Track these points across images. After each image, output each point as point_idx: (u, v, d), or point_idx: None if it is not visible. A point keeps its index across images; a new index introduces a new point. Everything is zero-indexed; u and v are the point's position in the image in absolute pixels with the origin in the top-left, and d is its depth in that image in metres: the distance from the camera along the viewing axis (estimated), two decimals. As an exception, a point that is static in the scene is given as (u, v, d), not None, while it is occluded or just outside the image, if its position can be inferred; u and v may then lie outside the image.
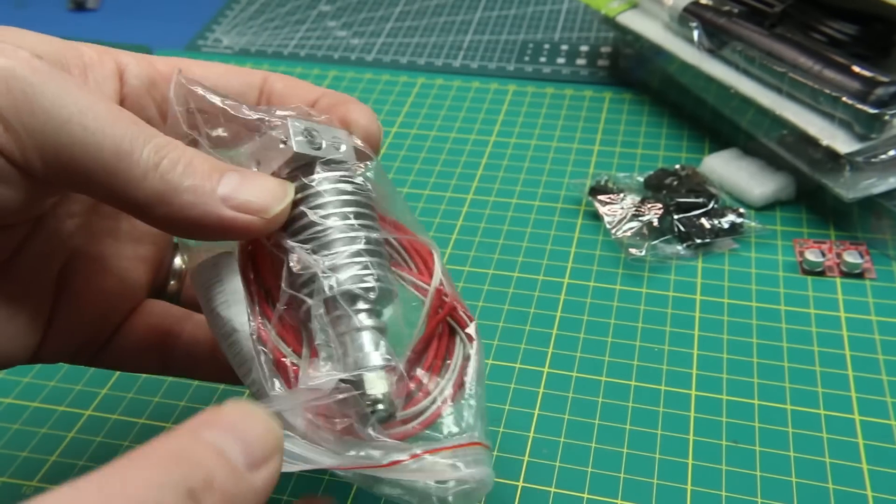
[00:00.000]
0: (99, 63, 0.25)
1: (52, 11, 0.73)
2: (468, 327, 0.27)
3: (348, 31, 0.68)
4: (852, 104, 0.42)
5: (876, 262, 0.43)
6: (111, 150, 0.22)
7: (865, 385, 0.37)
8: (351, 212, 0.25)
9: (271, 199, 0.23)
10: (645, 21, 0.54)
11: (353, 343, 0.24)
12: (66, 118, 0.21)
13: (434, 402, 0.25)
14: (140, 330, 0.29)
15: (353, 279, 0.24)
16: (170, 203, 0.22)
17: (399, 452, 0.23)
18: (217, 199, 0.23)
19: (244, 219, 0.23)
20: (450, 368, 0.26)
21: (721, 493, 0.33)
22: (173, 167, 0.22)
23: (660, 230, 0.44)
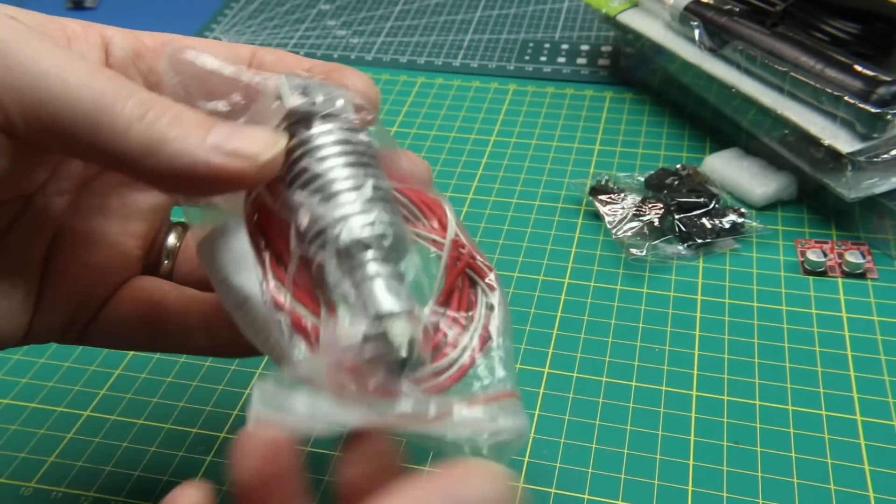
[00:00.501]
0: (83, 35, 0.25)
1: (50, 10, 0.73)
2: (488, 277, 0.26)
3: (348, 30, 0.68)
4: (854, 103, 0.42)
5: (878, 262, 0.43)
6: (92, 103, 0.21)
7: (867, 386, 0.36)
8: (355, 161, 0.24)
9: (262, 146, 0.23)
10: (646, 20, 0.54)
11: (370, 293, 0.23)
12: (43, 72, 0.21)
13: (462, 355, 0.24)
14: (128, 304, 0.29)
15: (363, 227, 0.23)
16: (157, 154, 0.21)
17: (435, 406, 0.22)
18: (206, 148, 0.22)
19: (235, 165, 0.22)
20: (474, 320, 0.25)
21: (722, 494, 0.32)
22: (159, 118, 0.22)
23: (661, 230, 0.44)
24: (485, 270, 0.26)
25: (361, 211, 0.23)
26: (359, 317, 0.23)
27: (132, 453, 0.35)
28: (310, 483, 0.21)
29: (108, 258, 0.28)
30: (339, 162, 0.24)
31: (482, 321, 0.25)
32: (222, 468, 0.35)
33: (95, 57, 0.25)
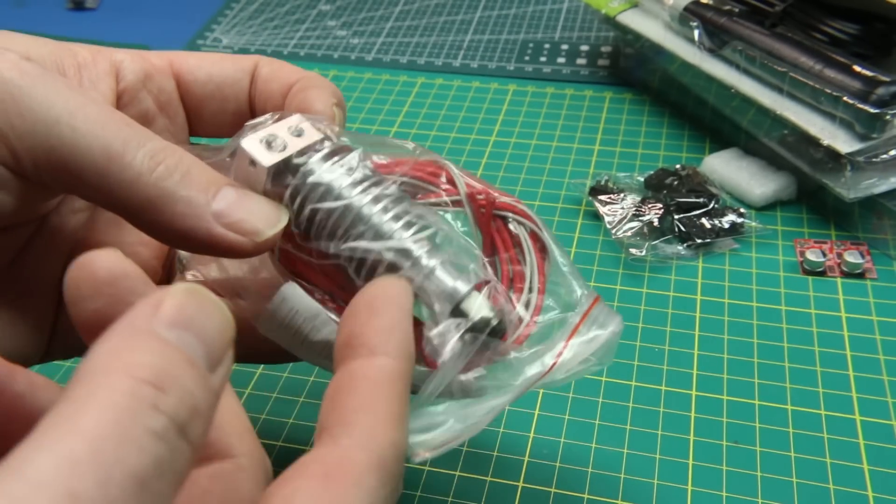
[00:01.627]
0: (93, 62, 0.25)
1: (51, 11, 0.73)
2: (517, 208, 0.27)
3: (348, 30, 0.68)
4: (853, 104, 0.42)
5: (877, 262, 0.43)
6: (101, 152, 0.21)
7: (866, 385, 0.37)
8: (351, 181, 0.24)
9: (264, 223, 0.23)
10: (645, 20, 0.54)
11: (436, 287, 0.24)
12: (54, 120, 0.21)
13: (533, 289, 0.25)
14: None
15: (398, 237, 0.24)
16: (161, 211, 0.22)
17: (548, 355, 0.24)
18: (209, 214, 0.22)
19: (233, 238, 0.22)
20: (525, 251, 0.26)
21: (722, 493, 0.32)
22: (170, 174, 0.22)
23: (660, 230, 0.44)
24: (510, 203, 0.26)
25: (387, 223, 0.24)
26: (441, 314, 0.23)
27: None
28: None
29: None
30: (340, 190, 0.24)
31: (532, 250, 0.26)
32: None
33: (107, 85, 0.26)
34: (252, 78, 0.29)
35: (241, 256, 0.24)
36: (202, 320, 0.17)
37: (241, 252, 0.23)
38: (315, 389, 0.38)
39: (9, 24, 0.70)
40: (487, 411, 0.23)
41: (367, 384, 0.20)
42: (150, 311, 0.17)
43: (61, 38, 0.26)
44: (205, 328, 0.17)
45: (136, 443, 0.15)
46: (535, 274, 0.26)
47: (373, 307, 0.21)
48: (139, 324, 0.17)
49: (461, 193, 0.26)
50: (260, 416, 0.37)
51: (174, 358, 0.16)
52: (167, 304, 0.17)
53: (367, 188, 0.24)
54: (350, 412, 0.20)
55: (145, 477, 0.14)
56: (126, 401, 0.15)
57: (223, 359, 0.18)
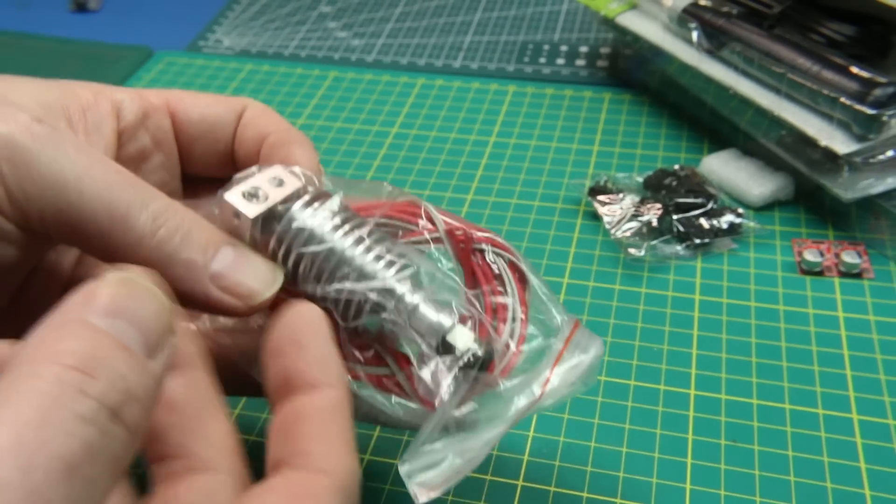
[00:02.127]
0: (95, 104, 0.26)
1: (54, 13, 0.73)
2: (493, 240, 0.28)
3: (349, 31, 0.68)
4: (850, 105, 0.42)
5: (874, 262, 0.43)
6: (106, 216, 0.22)
7: (863, 384, 0.37)
8: (333, 225, 0.25)
9: (260, 286, 0.24)
10: (644, 22, 0.54)
11: (421, 323, 0.25)
12: (62, 184, 0.22)
13: (516, 319, 0.26)
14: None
15: (381, 276, 0.25)
16: (162, 273, 0.22)
17: (535, 384, 0.25)
18: (207, 278, 0.23)
19: (229, 301, 0.23)
20: (505, 282, 0.27)
21: (720, 492, 0.33)
22: (171, 237, 0.23)
23: (659, 230, 0.44)
24: (488, 237, 0.28)
25: (370, 263, 0.25)
26: (428, 349, 0.25)
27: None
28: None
29: None
30: (323, 234, 0.25)
31: (513, 281, 0.27)
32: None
33: (109, 127, 0.27)
34: (238, 118, 0.30)
35: (236, 317, 0.24)
36: (136, 307, 0.18)
37: (236, 314, 0.24)
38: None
39: (12, 26, 0.71)
40: (483, 444, 0.24)
41: (318, 415, 0.21)
42: (81, 300, 0.17)
43: (64, 39, 0.26)
44: (139, 314, 0.18)
45: (62, 427, 0.15)
46: (517, 303, 0.26)
47: (297, 342, 0.22)
48: (70, 314, 0.17)
49: (440, 230, 0.27)
50: (262, 414, 0.37)
51: (104, 343, 0.16)
52: (99, 293, 0.17)
53: (349, 231, 0.25)
54: (305, 442, 0.20)
55: (73, 461, 0.14)
56: (51, 387, 0.15)
57: (162, 344, 0.18)
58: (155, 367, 0.17)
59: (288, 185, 0.26)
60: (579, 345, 0.26)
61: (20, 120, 0.22)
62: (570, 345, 0.26)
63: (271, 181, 0.26)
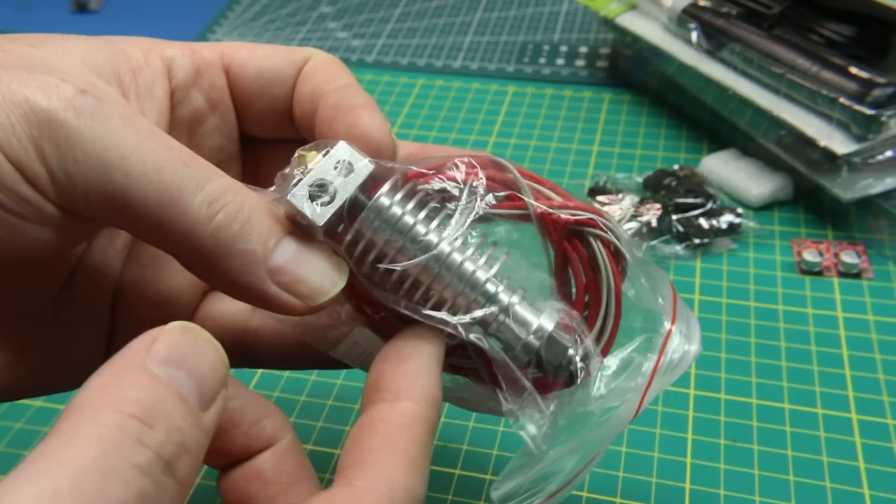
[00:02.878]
0: (146, 64, 0.24)
1: (55, 13, 0.74)
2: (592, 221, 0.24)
3: (349, 32, 0.68)
4: (850, 105, 0.42)
5: (873, 261, 0.43)
6: (156, 199, 0.20)
7: (862, 384, 0.37)
8: (416, 224, 0.23)
9: (321, 285, 0.22)
10: (644, 22, 0.54)
11: (520, 326, 0.23)
12: (107, 164, 0.20)
13: (609, 311, 0.25)
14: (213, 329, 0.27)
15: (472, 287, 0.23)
16: (216, 264, 0.21)
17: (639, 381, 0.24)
18: (265, 272, 0.21)
19: (287, 300, 0.21)
20: (600, 269, 0.25)
21: (719, 491, 0.33)
22: (228, 224, 0.21)
23: (658, 230, 0.44)
24: (587, 218, 0.24)
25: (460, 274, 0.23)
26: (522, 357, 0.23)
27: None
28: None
29: (176, 286, 0.27)
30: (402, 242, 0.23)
31: (608, 267, 0.24)
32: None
33: (160, 88, 0.24)
34: (298, 72, 0.27)
35: (292, 315, 0.22)
36: (195, 358, 0.17)
37: (293, 313, 0.22)
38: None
39: (13, 26, 0.71)
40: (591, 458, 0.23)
41: (388, 427, 0.20)
42: (143, 348, 0.17)
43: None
44: (198, 366, 0.17)
45: (120, 476, 0.15)
46: (612, 295, 0.24)
47: (402, 353, 0.21)
48: (131, 360, 0.17)
49: (531, 213, 0.24)
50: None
51: (164, 394, 0.16)
52: (160, 342, 0.17)
53: (434, 229, 0.23)
54: (367, 453, 0.20)
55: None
56: (112, 435, 0.15)
57: (216, 398, 0.18)
58: (208, 420, 0.17)
59: (358, 171, 0.22)
60: (677, 333, 0.25)
61: (63, 93, 0.20)
62: (663, 357, 0.24)
63: (339, 169, 0.22)
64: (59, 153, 0.20)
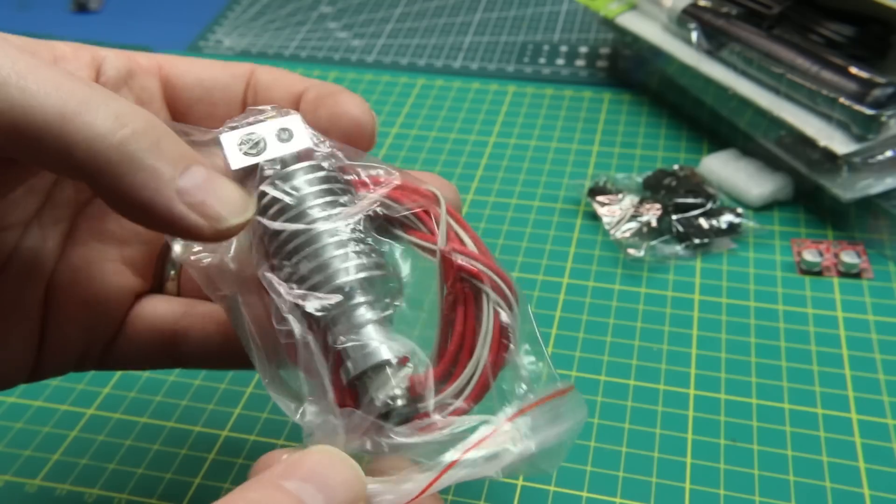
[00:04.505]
0: (73, 55, 0.24)
1: (55, 13, 0.74)
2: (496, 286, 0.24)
3: (349, 32, 0.68)
4: (850, 105, 0.42)
5: (873, 262, 0.43)
6: (56, 112, 0.20)
7: (862, 384, 0.37)
8: (316, 203, 0.23)
9: (231, 209, 0.21)
10: (644, 22, 0.54)
11: (356, 344, 0.22)
12: (2, 80, 0.20)
13: (475, 372, 0.23)
14: (142, 330, 0.28)
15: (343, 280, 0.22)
16: (121, 176, 0.20)
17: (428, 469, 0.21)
18: (173, 190, 0.20)
19: (193, 220, 0.21)
20: (482, 331, 0.23)
21: (719, 491, 0.33)
22: (137, 139, 0.20)
23: (658, 230, 0.44)
24: (477, 268, 0.24)
25: (331, 261, 0.23)
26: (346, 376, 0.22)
27: (135, 451, 0.36)
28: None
29: (109, 289, 0.27)
30: (302, 210, 0.23)
31: (491, 331, 0.23)
32: (224, 466, 0.35)
33: (84, 75, 0.24)
34: (247, 85, 0.28)
35: (199, 241, 0.23)
36: (332, 479, 0.19)
37: (200, 236, 0.21)
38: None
39: (12, 26, 0.71)
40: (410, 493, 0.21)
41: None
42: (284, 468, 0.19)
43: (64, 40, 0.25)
44: (334, 488, 0.19)
45: None
46: (483, 355, 0.23)
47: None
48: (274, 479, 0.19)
49: (439, 241, 0.24)
50: (262, 414, 0.37)
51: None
52: (302, 462, 0.19)
53: (331, 214, 0.23)
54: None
55: None
56: None
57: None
58: None
59: (295, 141, 0.23)
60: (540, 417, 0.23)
61: None
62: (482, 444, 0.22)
63: (280, 132, 0.23)
64: None
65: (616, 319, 0.41)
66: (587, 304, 0.42)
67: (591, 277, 0.43)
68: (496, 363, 0.23)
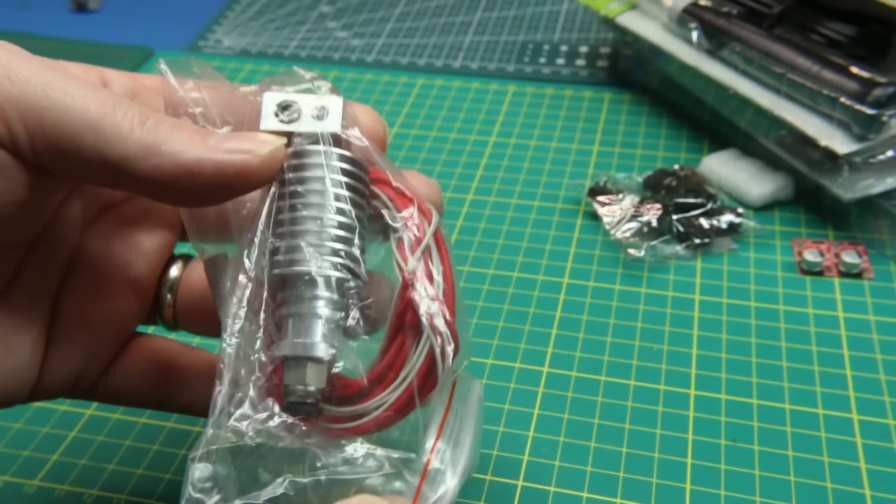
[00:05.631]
0: (84, 74, 0.25)
1: (54, 13, 0.73)
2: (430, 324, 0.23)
3: (349, 31, 0.68)
4: (850, 105, 0.42)
5: (874, 262, 0.43)
6: (95, 110, 0.22)
7: (863, 384, 0.37)
8: (319, 190, 0.23)
9: (261, 141, 0.23)
10: (644, 22, 0.54)
11: (299, 326, 0.23)
12: (46, 82, 0.21)
13: (377, 410, 0.23)
14: (139, 362, 0.28)
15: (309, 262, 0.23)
16: (160, 153, 0.22)
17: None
18: (208, 147, 0.22)
19: (239, 158, 0.22)
20: (399, 376, 0.23)
21: (720, 492, 0.33)
22: (160, 123, 0.22)
23: (659, 230, 0.44)
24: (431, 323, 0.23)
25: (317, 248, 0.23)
26: (282, 344, 0.23)
27: (134, 452, 0.36)
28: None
29: (113, 310, 0.28)
30: (306, 192, 0.23)
31: (410, 376, 0.23)
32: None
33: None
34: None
35: (251, 182, 0.23)
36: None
37: (252, 173, 0.23)
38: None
39: (12, 26, 0.71)
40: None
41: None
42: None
43: (64, 39, 0.26)
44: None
45: None
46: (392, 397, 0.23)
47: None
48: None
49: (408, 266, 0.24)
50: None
51: None
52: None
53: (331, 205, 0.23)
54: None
55: None
56: None
57: None
58: None
59: (328, 122, 0.24)
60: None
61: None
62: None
63: (318, 109, 0.24)
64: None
65: (616, 319, 0.41)
66: (587, 305, 0.42)
67: (592, 277, 0.43)
68: (397, 410, 0.23)
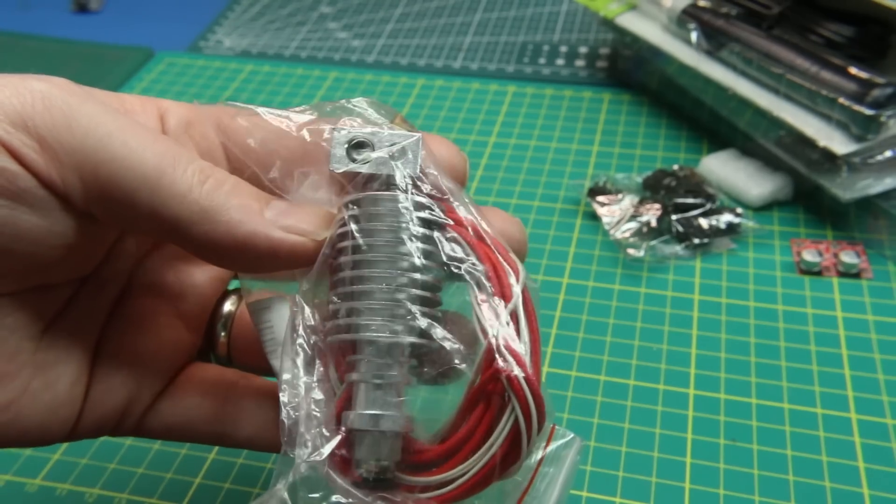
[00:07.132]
0: (141, 108, 0.25)
1: (55, 13, 0.74)
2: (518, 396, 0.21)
3: (349, 32, 0.69)
4: (849, 105, 0.42)
5: (872, 262, 0.43)
6: (153, 165, 0.21)
7: (862, 384, 0.37)
8: (386, 241, 0.22)
9: (316, 225, 0.22)
10: (643, 23, 0.54)
11: (371, 395, 0.22)
12: (105, 134, 0.21)
13: (461, 477, 0.22)
14: (191, 393, 0.27)
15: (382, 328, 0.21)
16: (215, 220, 0.21)
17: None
18: (266, 220, 0.22)
19: (294, 240, 0.22)
20: (486, 444, 0.22)
21: (719, 491, 0.33)
22: (219, 186, 0.22)
23: (658, 230, 0.44)
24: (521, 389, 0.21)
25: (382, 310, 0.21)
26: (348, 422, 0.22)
27: (136, 451, 0.36)
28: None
29: (161, 342, 0.27)
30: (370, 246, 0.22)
31: (494, 450, 0.21)
32: (224, 466, 0.35)
33: (153, 126, 0.25)
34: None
35: (303, 259, 0.22)
36: None
37: (304, 254, 0.22)
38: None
39: (13, 26, 0.71)
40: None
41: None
42: None
43: (65, 40, 0.25)
44: None
45: None
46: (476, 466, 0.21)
47: None
48: None
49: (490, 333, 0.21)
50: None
51: None
52: None
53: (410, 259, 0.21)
54: None
55: None
56: None
57: None
58: None
59: (405, 163, 0.22)
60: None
61: (58, 81, 0.22)
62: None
63: (394, 150, 0.22)
64: (53, 123, 0.21)
65: (616, 319, 0.41)
66: (587, 304, 0.42)
67: (591, 277, 0.43)
68: (478, 482, 0.22)
